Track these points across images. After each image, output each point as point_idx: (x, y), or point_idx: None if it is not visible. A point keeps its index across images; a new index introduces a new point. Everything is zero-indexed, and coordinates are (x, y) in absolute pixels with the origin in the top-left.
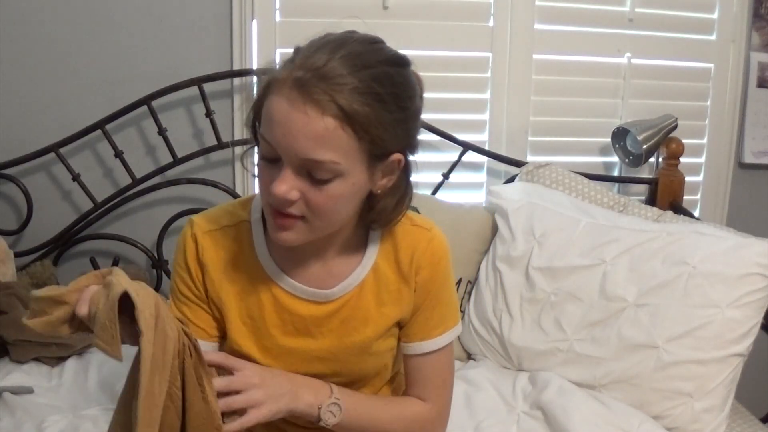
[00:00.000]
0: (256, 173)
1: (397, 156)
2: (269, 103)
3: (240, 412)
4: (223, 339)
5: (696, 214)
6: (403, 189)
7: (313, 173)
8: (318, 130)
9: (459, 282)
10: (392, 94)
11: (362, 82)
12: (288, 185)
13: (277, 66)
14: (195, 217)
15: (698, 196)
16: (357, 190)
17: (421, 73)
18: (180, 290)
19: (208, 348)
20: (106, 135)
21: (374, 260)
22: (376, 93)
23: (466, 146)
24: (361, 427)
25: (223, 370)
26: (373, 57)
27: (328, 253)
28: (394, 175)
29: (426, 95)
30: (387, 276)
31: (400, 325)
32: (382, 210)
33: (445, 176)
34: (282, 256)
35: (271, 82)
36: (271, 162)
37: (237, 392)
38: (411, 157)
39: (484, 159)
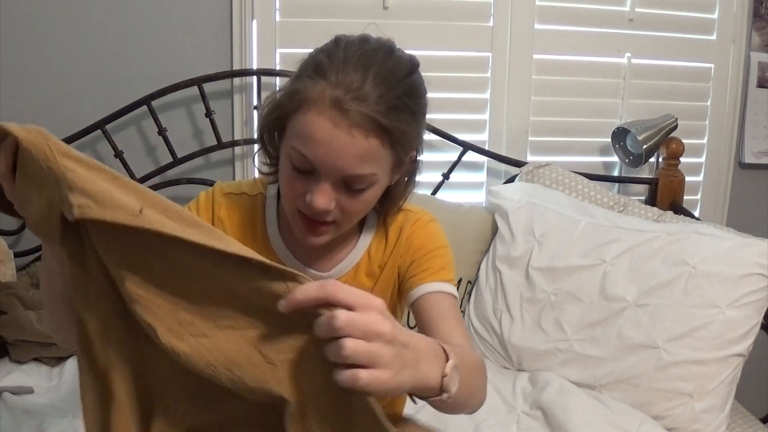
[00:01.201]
0: (282, 179)
1: (413, 154)
2: (306, 121)
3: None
4: None
5: (696, 214)
6: (407, 184)
7: (351, 185)
8: (363, 150)
9: (459, 282)
10: (418, 104)
11: (398, 99)
12: (327, 198)
13: (304, 78)
14: (218, 182)
15: (698, 196)
16: (382, 187)
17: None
18: None
19: None
20: (106, 135)
21: (368, 243)
22: (408, 107)
23: (466, 146)
24: (465, 386)
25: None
26: (401, 71)
27: (332, 243)
28: (407, 170)
29: (426, 95)
30: (378, 256)
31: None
32: (393, 197)
33: (445, 176)
34: (289, 235)
35: (304, 99)
36: (304, 173)
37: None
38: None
39: (484, 159)
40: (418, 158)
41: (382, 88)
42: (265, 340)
